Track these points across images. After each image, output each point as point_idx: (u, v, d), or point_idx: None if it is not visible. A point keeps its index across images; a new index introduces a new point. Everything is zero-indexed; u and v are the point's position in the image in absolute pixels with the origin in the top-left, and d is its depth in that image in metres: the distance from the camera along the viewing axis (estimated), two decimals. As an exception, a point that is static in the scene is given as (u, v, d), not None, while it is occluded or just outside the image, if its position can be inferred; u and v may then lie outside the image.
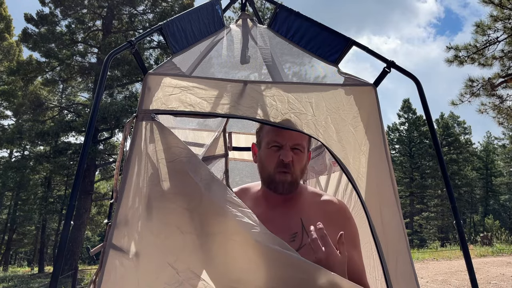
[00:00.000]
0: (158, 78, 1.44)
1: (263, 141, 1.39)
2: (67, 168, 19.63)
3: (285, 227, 1.29)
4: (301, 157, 1.35)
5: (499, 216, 39.25)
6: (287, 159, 1.30)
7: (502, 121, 11.41)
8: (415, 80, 1.57)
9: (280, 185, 1.32)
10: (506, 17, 10.01)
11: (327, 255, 1.08)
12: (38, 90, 18.83)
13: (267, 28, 1.91)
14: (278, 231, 1.21)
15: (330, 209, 1.35)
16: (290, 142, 1.33)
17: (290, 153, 1.32)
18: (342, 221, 1.33)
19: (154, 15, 18.63)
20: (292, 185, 1.33)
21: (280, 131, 1.36)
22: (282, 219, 1.32)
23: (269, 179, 1.35)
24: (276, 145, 1.34)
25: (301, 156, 1.35)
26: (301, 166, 1.35)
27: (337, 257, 1.09)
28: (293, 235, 1.28)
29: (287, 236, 1.26)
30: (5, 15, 23.21)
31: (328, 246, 1.09)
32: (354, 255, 1.29)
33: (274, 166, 1.32)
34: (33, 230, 28.88)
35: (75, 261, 15.53)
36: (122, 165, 1.38)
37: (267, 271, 1.15)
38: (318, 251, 1.08)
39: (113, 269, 1.25)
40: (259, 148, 1.42)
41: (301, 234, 1.28)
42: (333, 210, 1.36)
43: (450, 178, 2.21)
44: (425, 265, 12.62)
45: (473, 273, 1.39)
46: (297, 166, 1.33)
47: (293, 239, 1.26)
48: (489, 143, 44.08)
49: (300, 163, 1.34)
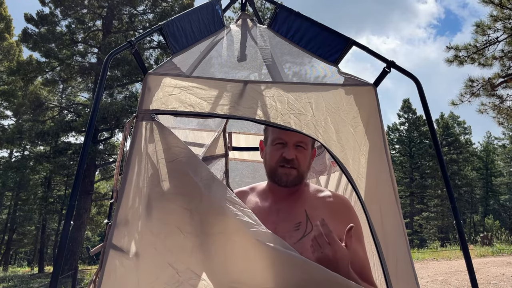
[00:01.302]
0: (158, 78, 1.44)
1: (269, 139, 1.47)
2: (67, 168, 19.63)
3: (290, 217, 1.35)
4: (304, 153, 1.42)
5: (499, 216, 39.25)
6: (289, 156, 1.37)
7: (502, 121, 11.40)
8: (415, 80, 1.57)
9: (283, 177, 1.39)
10: (506, 17, 10.00)
11: (334, 251, 1.11)
12: (38, 90, 18.82)
13: (267, 28, 1.91)
14: (283, 221, 1.32)
15: (334, 202, 1.40)
16: (294, 139, 1.41)
17: (293, 151, 1.39)
18: (346, 214, 1.36)
19: (154, 15, 18.63)
20: (296, 179, 1.40)
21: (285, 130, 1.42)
22: (287, 210, 1.38)
23: (271, 173, 1.43)
24: (281, 142, 1.41)
25: (304, 152, 1.42)
26: (306, 161, 1.43)
27: (343, 252, 1.12)
28: (297, 224, 1.33)
29: (291, 225, 1.32)
30: (5, 15, 23.20)
31: (335, 242, 1.12)
32: (359, 249, 1.30)
33: (276, 161, 1.40)
34: (33, 230, 28.88)
35: (75, 261, 15.53)
36: (122, 165, 1.38)
37: (267, 271, 1.15)
38: (325, 247, 1.11)
39: (113, 269, 1.25)
40: (266, 144, 1.50)
41: (305, 223, 1.32)
42: (337, 203, 1.41)
43: (450, 178, 2.21)
44: (425, 265, 12.62)
45: (473, 273, 1.39)
46: (302, 161, 1.41)
47: (297, 228, 1.31)
48: (489, 143, 44.06)
49: (304, 159, 1.42)
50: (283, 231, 1.28)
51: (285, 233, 1.27)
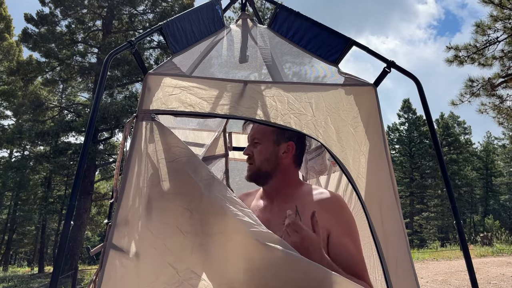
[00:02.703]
0: (158, 78, 1.44)
1: None
2: (67, 168, 19.63)
3: (281, 213, 1.38)
4: (259, 148, 1.46)
5: (499, 216, 39.24)
6: (244, 152, 1.48)
7: (502, 121, 11.39)
8: (415, 80, 1.57)
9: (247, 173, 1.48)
10: (506, 17, 9.99)
11: (301, 238, 1.16)
12: (38, 90, 18.80)
13: (267, 28, 1.91)
14: (275, 217, 1.37)
15: (325, 199, 1.41)
16: (250, 136, 1.50)
17: (250, 147, 1.48)
18: (337, 208, 1.36)
19: (154, 15, 18.62)
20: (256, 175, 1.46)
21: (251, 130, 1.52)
22: (279, 208, 1.41)
23: None
24: None
25: (259, 147, 1.46)
26: (261, 156, 1.45)
27: (312, 239, 1.16)
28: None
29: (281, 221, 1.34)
30: (5, 15, 23.19)
31: (301, 230, 1.17)
32: (348, 243, 1.28)
33: None
34: (33, 230, 28.88)
35: (75, 261, 15.52)
36: (122, 165, 1.38)
37: (267, 271, 1.15)
38: (292, 235, 1.17)
39: (113, 269, 1.25)
40: None
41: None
42: (328, 199, 1.41)
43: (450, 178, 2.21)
44: (425, 265, 12.62)
45: (473, 273, 1.39)
46: (257, 156, 1.45)
47: None
48: (489, 143, 44.03)
49: (259, 154, 1.45)
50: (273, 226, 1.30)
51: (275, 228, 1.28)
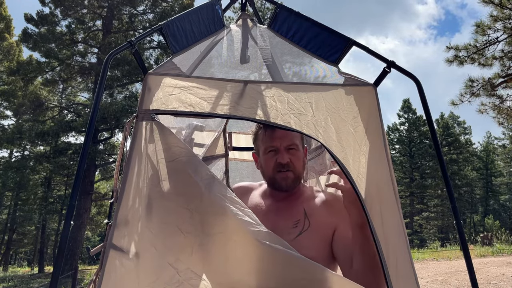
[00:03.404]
0: (158, 78, 1.44)
1: (261, 149, 1.53)
2: (67, 168, 19.64)
3: (289, 215, 1.41)
4: (297, 155, 1.48)
5: (499, 216, 39.25)
6: (284, 160, 1.44)
7: (502, 121, 11.40)
8: (415, 80, 1.56)
9: (283, 182, 1.45)
10: (506, 17, 9.99)
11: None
12: (38, 90, 18.81)
13: (267, 28, 1.90)
14: (282, 219, 1.39)
15: (330, 200, 1.47)
16: (284, 144, 1.47)
17: (287, 155, 1.45)
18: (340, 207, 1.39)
19: (154, 15, 18.62)
20: (295, 182, 1.47)
21: (273, 137, 1.48)
22: (286, 209, 1.44)
23: (271, 180, 1.49)
24: (272, 149, 1.48)
25: (297, 154, 1.49)
26: (300, 162, 1.50)
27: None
28: (295, 222, 1.39)
29: (290, 223, 1.38)
30: (5, 15, 23.19)
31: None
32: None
33: (272, 168, 1.47)
34: (33, 230, 28.88)
35: (75, 261, 15.52)
36: (122, 165, 1.38)
37: (267, 271, 1.15)
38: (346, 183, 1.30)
39: (113, 269, 1.25)
40: (258, 155, 1.56)
41: (303, 221, 1.38)
42: (332, 200, 1.47)
43: (450, 178, 2.21)
44: (425, 265, 12.62)
45: (473, 273, 1.39)
46: (296, 163, 1.47)
47: (296, 225, 1.39)
48: (489, 143, 44.04)
49: (298, 160, 1.48)
50: (281, 228, 1.33)
51: (283, 231, 1.31)
